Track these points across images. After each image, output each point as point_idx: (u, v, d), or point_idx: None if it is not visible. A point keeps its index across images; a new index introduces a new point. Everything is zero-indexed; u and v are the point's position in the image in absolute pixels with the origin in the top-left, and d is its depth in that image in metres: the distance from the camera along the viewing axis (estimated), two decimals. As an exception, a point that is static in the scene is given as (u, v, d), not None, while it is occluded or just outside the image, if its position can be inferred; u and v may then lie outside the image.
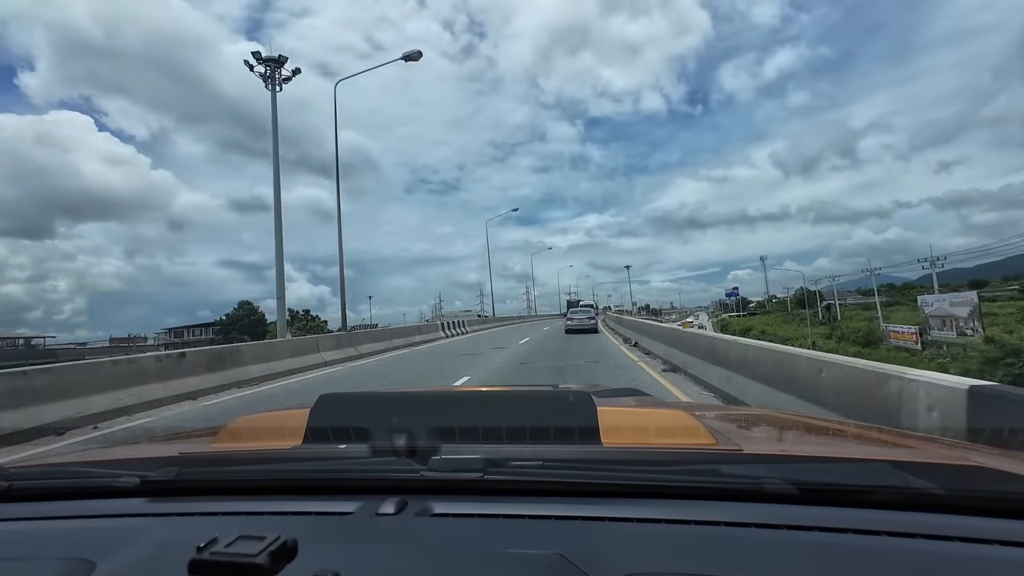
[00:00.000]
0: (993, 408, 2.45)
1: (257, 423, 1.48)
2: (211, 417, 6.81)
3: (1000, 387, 2.67)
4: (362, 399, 1.12)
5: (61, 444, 5.71)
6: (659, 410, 1.57)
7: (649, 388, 6.87)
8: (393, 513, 0.78)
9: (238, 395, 8.71)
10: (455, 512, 0.79)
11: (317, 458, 0.94)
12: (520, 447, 0.91)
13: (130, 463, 1.12)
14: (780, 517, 0.73)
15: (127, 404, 7.13)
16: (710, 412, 1.63)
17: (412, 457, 0.85)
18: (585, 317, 23.38)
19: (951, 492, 0.74)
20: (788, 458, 0.95)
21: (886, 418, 3.09)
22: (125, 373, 7.42)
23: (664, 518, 0.74)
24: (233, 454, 1.12)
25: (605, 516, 0.76)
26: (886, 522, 0.70)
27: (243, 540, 0.63)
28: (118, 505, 0.91)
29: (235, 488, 0.93)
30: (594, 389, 1.80)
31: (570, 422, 0.98)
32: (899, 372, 3.19)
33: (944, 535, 0.68)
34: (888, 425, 2.57)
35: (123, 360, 7.74)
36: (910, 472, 0.77)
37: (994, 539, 0.67)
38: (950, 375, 2.95)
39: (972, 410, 2.58)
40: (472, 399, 1.20)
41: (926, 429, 2.72)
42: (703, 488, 0.80)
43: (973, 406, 2.58)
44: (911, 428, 2.82)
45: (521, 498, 0.81)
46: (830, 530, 0.69)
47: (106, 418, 6.71)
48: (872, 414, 3.23)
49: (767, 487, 0.77)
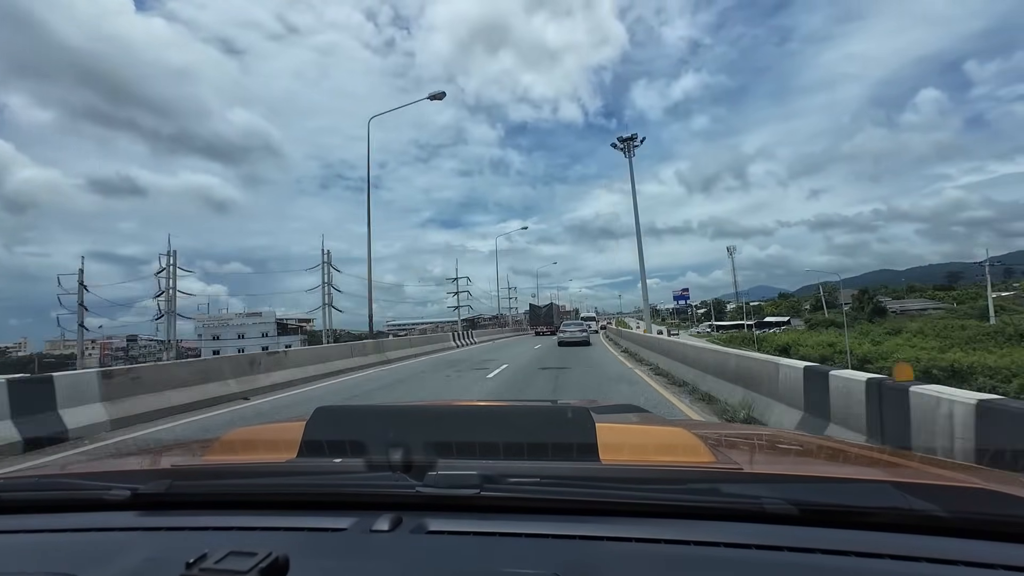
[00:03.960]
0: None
1: (252, 435, 1.47)
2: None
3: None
4: (358, 412, 1.11)
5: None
6: (658, 427, 1.56)
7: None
8: (388, 530, 0.77)
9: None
10: (451, 529, 0.78)
11: (311, 472, 0.93)
12: (517, 463, 0.90)
13: (121, 475, 1.10)
14: (781, 538, 0.71)
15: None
16: (710, 430, 1.61)
17: (408, 472, 0.84)
18: (577, 330, 24.77)
19: (955, 515, 0.73)
20: (789, 478, 0.94)
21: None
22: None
23: (663, 538, 0.73)
24: (226, 467, 1.10)
25: (603, 535, 0.74)
26: (889, 545, 0.69)
27: (233, 556, 0.62)
28: (107, 519, 0.89)
29: (227, 502, 0.91)
30: (593, 405, 1.79)
31: (568, 438, 0.97)
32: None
33: (948, 559, 0.67)
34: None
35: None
36: (912, 493, 0.76)
37: (998, 564, 0.66)
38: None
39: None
40: (469, 414, 1.19)
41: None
42: (703, 507, 0.79)
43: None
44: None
45: (518, 515, 0.80)
46: (832, 552, 0.68)
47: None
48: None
49: (768, 507, 0.76)
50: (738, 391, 6.22)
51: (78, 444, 5.89)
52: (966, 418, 2.70)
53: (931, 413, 2.95)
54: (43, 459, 5.50)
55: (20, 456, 5.35)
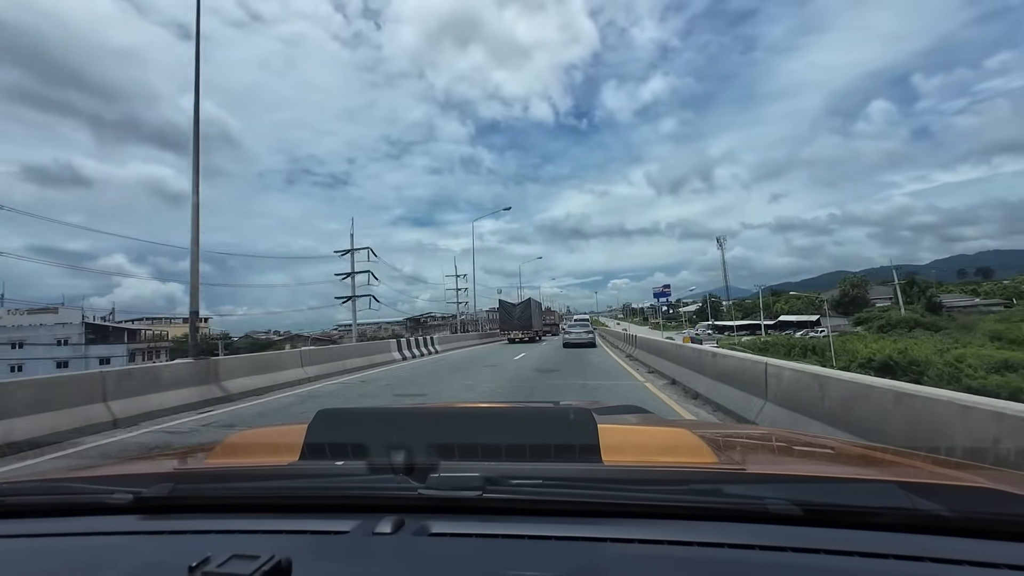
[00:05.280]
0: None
1: (254, 439, 1.47)
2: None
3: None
4: (360, 415, 1.11)
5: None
6: (661, 428, 1.56)
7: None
8: (390, 532, 0.77)
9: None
10: (453, 532, 0.77)
11: (313, 475, 0.93)
12: (520, 465, 0.89)
13: (123, 479, 1.10)
14: (784, 538, 0.71)
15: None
16: (712, 430, 1.61)
17: (410, 475, 0.84)
18: (583, 331, 24.19)
19: (960, 514, 0.72)
20: (792, 478, 0.93)
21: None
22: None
23: (666, 539, 0.73)
24: (228, 470, 1.10)
25: (606, 537, 0.74)
26: (893, 545, 0.69)
27: (236, 559, 0.62)
28: (110, 523, 0.89)
29: (230, 505, 0.91)
30: (595, 406, 1.79)
31: (571, 439, 0.96)
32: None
33: (953, 559, 0.66)
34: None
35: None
36: (917, 493, 0.76)
37: (1003, 563, 0.65)
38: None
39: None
40: (472, 416, 1.19)
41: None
42: (706, 508, 0.78)
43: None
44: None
45: (521, 517, 0.80)
46: (836, 553, 0.68)
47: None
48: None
49: (771, 507, 0.75)
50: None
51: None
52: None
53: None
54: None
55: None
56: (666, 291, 55.45)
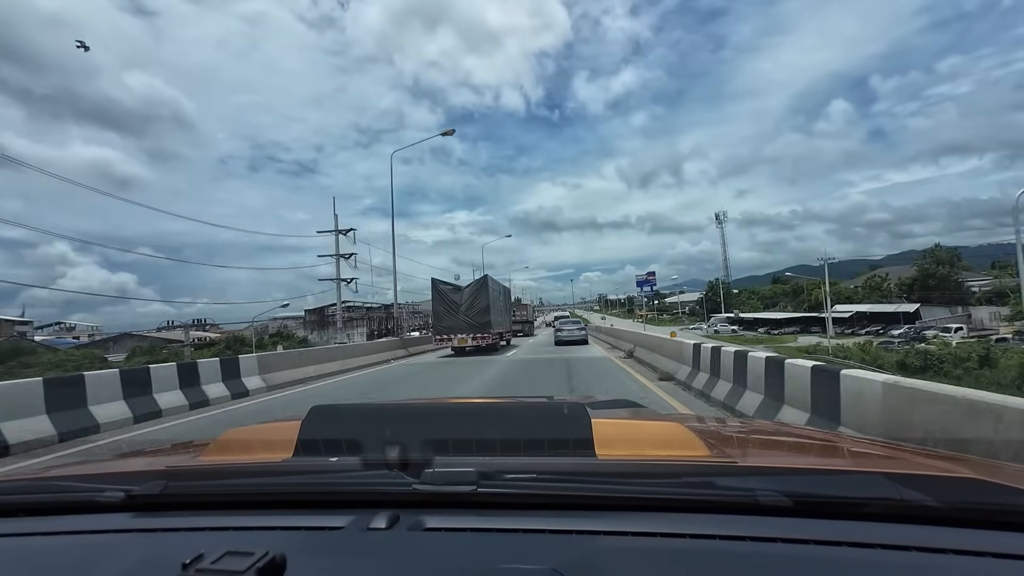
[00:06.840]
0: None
1: (247, 436, 1.46)
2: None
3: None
4: (354, 411, 1.11)
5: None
6: (654, 422, 1.56)
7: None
8: (385, 528, 0.77)
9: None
10: (448, 527, 0.78)
11: (307, 471, 0.93)
12: (514, 459, 0.90)
13: (115, 477, 1.09)
14: (775, 530, 0.72)
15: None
16: (705, 424, 1.62)
17: (404, 470, 0.84)
18: (575, 328, 23.81)
19: (945, 504, 0.74)
20: (783, 470, 0.95)
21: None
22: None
23: (659, 531, 0.73)
24: (221, 467, 1.10)
25: (600, 530, 0.75)
26: (881, 535, 0.70)
27: (230, 556, 0.62)
28: (102, 521, 0.88)
29: (223, 502, 0.91)
30: (589, 400, 1.80)
31: (564, 434, 0.97)
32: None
33: (939, 548, 0.68)
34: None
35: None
36: (904, 484, 0.77)
37: (988, 552, 0.67)
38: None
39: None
40: (465, 411, 1.19)
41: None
42: (698, 501, 0.79)
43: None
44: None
45: (515, 512, 0.80)
46: (825, 543, 0.69)
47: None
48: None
49: (762, 500, 0.76)
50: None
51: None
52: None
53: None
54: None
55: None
56: (650, 279, 50.30)
